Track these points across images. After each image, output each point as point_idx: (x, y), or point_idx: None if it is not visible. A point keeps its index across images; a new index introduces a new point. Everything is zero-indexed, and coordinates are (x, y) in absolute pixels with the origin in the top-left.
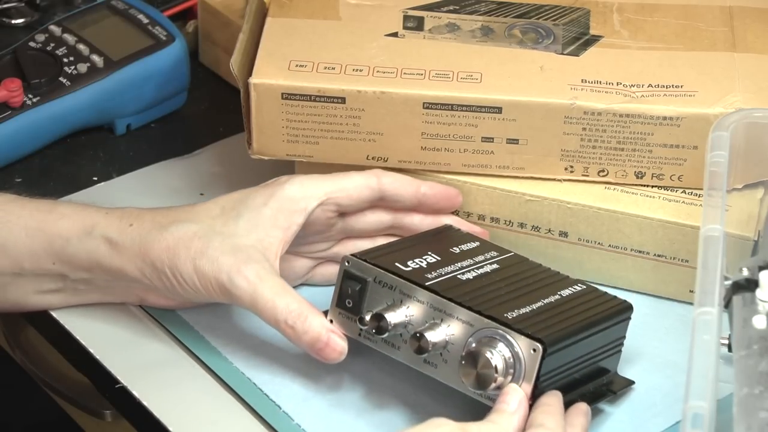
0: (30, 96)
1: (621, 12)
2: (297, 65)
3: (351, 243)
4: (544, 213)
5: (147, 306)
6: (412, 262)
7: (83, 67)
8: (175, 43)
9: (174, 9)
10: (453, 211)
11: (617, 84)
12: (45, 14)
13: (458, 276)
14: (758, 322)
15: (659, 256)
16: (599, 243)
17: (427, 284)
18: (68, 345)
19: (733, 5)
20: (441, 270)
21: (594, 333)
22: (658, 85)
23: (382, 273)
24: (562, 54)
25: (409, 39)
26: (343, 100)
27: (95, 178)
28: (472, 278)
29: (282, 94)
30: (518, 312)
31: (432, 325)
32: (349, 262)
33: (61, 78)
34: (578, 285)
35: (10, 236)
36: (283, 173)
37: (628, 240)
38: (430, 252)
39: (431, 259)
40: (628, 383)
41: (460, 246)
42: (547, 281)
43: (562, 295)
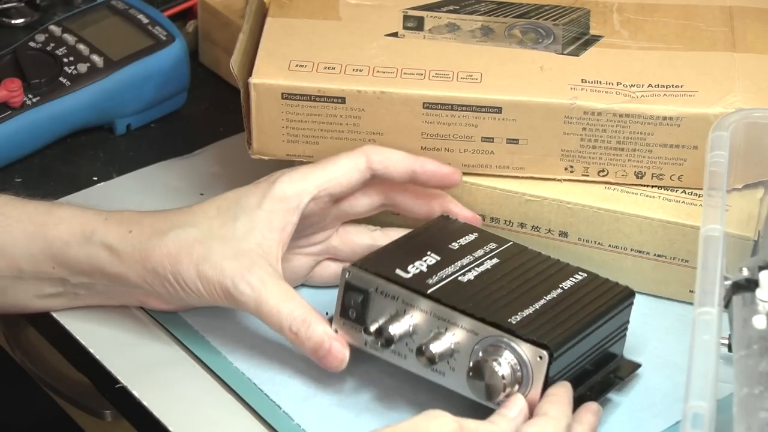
0: (30, 96)
1: (621, 12)
2: (297, 65)
3: (348, 234)
4: (544, 213)
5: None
6: (413, 267)
7: (83, 67)
8: (175, 43)
9: (174, 9)
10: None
11: (617, 84)
12: (45, 14)
13: (459, 278)
14: (758, 322)
15: (659, 256)
16: (599, 243)
17: (429, 292)
18: (68, 345)
19: (733, 5)
20: (442, 272)
21: (599, 326)
22: (658, 85)
23: (384, 283)
24: (562, 54)
25: (409, 39)
26: (343, 100)
27: (95, 178)
28: (474, 278)
29: (282, 94)
30: (522, 315)
31: (437, 335)
32: (350, 273)
33: (61, 78)
34: (579, 273)
35: (9, 240)
36: None
37: (628, 240)
38: (430, 251)
39: (431, 261)
40: (635, 367)
41: (459, 240)
42: (548, 272)
43: (564, 288)
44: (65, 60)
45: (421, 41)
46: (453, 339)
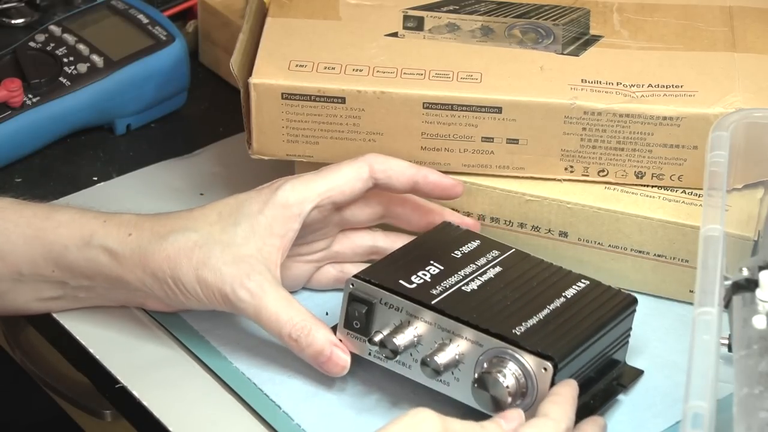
0: (30, 96)
1: (621, 12)
2: (297, 65)
3: (348, 236)
4: (544, 213)
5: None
6: (416, 277)
7: (83, 67)
8: (175, 43)
9: (174, 9)
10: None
11: (617, 84)
12: (45, 14)
13: (463, 288)
14: (758, 322)
15: (659, 256)
16: (599, 243)
17: (433, 303)
18: (68, 345)
19: (733, 5)
20: (445, 282)
21: (602, 335)
22: (658, 85)
23: (388, 295)
24: (562, 54)
25: (409, 39)
26: (343, 100)
27: (95, 178)
28: (477, 288)
29: (282, 94)
30: (525, 325)
31: (441, 346)
32: (354, 285)
33: (61, 78)
34: (581, 281)
35: (8, 244)
36: (283, 173)
37: (628, 240)
38: (433, 261)
39: (434, 270)
40: (638, 374)
41: (461, 248)
42: (551, 280)
43: (567, 297)
44: (65, 60)
45: (421, 41)
46: (457, 350)
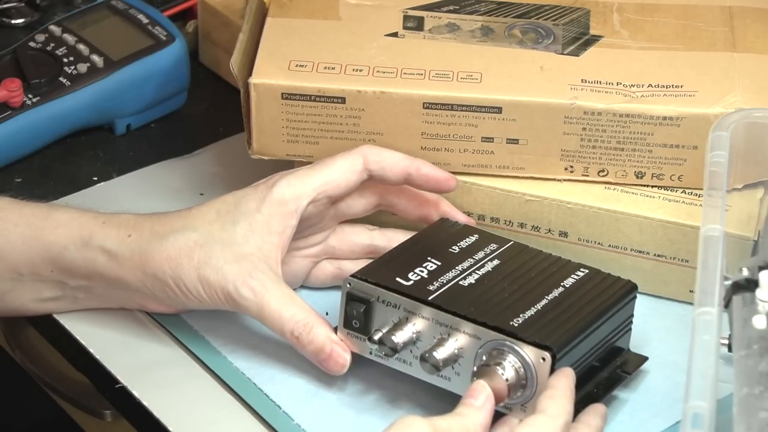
0: (30, 96)
1: (621, 12)
2: (297, 65)
3: (346, 234)
4: (544, 213)
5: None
6: (413, 274)
7: (83, 67)
8: (175, 43)
9: (174, 9)
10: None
11: (617, 84)
12: (45, 14)
13: (460, 282)
14: (758, 322)
15: (659, 256)
16: (599, 243)
17: (430, 299)
18: (68, 345)
19: (733, 5)
20: (442, 278)
21: (602, 323)
22: (658, 85)
23: (385, 293)
24: (562, 54)
25: (409, 39)
26: (343, 100)
27: (95, 178)
28: (475, 282)
29: (282, 94)
30: (524, 317)
31: (440, 341)
32: (351, 284)
33: (61, 78)
34: (581, 270)
35: (7, 244)
36: None
37: (628, 240)
38: (430, 257)
39: (432, 266)
40: (642, 360)
41: (459, 243)
42: (550, 270)
43: (566, 286)
44: (65, 60)
45: (421, 41)
46: (456, 344)
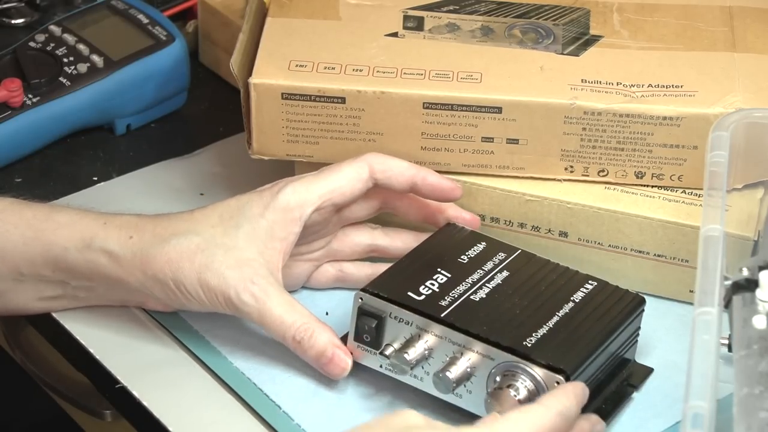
0: (30, 96)
1: (621, 12)
2: (297, 65)
3: (348, 234)
4: (544, 213)
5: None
6: (424, 288)
7: (83, 67)
8: (175, 43)
9: (174, 9)
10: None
11: (617, 84)
12: (45, 14)
13: (471, 297)
14: (758, 322)
15: (659, 256)
16: (599, 243)
17: (443, 315)
18: (68, 345)
19: (733, 5)
20: (453, 292)
21: (613, 340)
22: (658, 85)
23: (398, 309)
24: (562, 54)
25: (409, 39)
26: (343, 100)
27: (95, 178)
28: (486, 296)
29: (282, 94)
30: (536, 336)
31: (452, 360)
32: (363, 299)
33: (61, 78)
34: (589, 282)
35: (8, 245)
36: (283, 173)
37: (628, 240)
38: (440, 268)
39: (442, 278)
40: (647, 372)
41: (468, 252)
42: (558, 283)
43: (576, 301)
44: (65, 60)
45: (421, 41)
46: (469, 363)
